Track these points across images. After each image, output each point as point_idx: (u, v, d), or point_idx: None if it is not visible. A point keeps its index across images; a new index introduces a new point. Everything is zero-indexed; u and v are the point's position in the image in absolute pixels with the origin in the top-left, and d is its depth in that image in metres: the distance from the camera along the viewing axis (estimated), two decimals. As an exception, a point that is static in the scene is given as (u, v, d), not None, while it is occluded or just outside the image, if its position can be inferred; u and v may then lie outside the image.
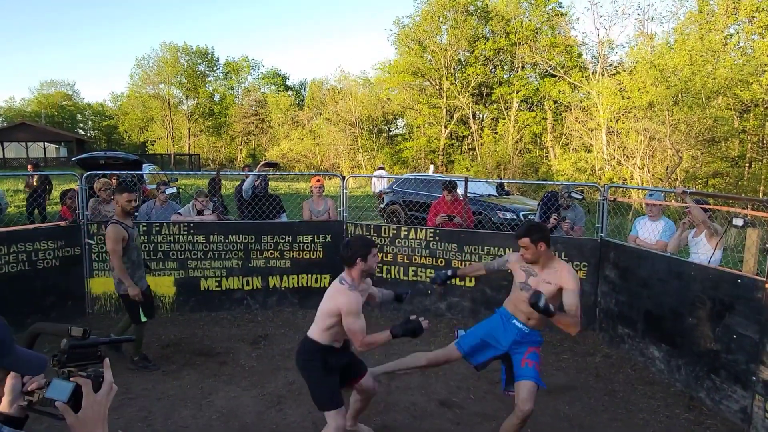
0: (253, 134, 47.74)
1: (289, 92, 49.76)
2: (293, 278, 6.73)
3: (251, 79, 51.28)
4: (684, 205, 5.28)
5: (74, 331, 1.24)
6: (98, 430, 1.18)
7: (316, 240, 6.75)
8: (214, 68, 49.62)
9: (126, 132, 52.80)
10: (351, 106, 34.75)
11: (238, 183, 7.32)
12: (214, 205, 6.93)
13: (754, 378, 3.87)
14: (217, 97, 49.75)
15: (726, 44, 22.37)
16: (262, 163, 7.08)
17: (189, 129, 47.31)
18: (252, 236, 6.56)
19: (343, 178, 6.95)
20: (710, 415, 4.25)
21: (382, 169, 22.85)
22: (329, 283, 6.61)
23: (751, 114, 21.96)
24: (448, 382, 4.79)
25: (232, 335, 5.90)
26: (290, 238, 6.66)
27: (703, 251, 4.95)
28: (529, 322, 3.53)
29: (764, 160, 21.90)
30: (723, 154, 21.94)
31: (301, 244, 6.71)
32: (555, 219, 6.21)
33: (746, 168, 22.16)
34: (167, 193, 7.08)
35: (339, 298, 3.19)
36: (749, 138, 22.23)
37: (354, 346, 3.29)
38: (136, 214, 5.39)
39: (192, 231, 6.47)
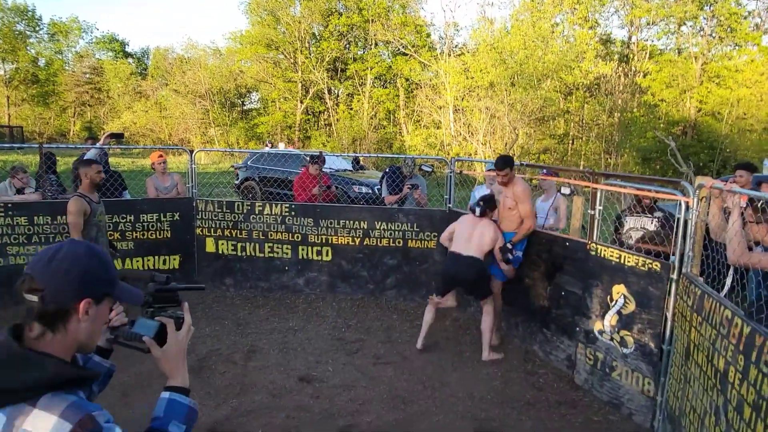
0: (89, 105, 42.73)
1: (130, 60, 45.13)
2: (137, 261, 6.20)
3: (83, 43, 45.61)
4: (521, 176, 5.78)
5: (157, 277, 1.44)
6: (180, 363, 1.39)
7: (162, 219, 6.29)
8: (37, 29, 43.29)
9: None
10: (200, 77, 32.62)
11: (75, 159, 6.52)
12: (38, 182, 6.11)
13: (577, 329, 4.39)
14: (42, 62, 43.57)
15: (553, 32, 24.76)
16: (105, 134, 6.36)
17: (8, 97, 41.00)
18: (86, 217, 5.90)
19: (191, 152, 6.52)
20: (542, 365, 4.76)
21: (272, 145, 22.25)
22: (179, 265, 6.33)
23: (573, 96, 24.69)
24: (308, 358, 4.78)
25: (66, 327, 5.30)
26: (132, 218, 6.12)
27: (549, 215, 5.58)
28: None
29: (584, 138, 24.82)
30: (551, 131, 24.46)
31: (146, 224, 6.20)
32: (408, 188, 6.45)
33: (570, 144, 24.96)
34: (-26, 169, 6.10)
35: (494, 229, 4.81)
36: (572, 118, 25.01)
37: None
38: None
39: (10, 212, 5.63)
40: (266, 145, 23.32)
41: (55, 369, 1.12)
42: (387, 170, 7.01)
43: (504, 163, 4.81)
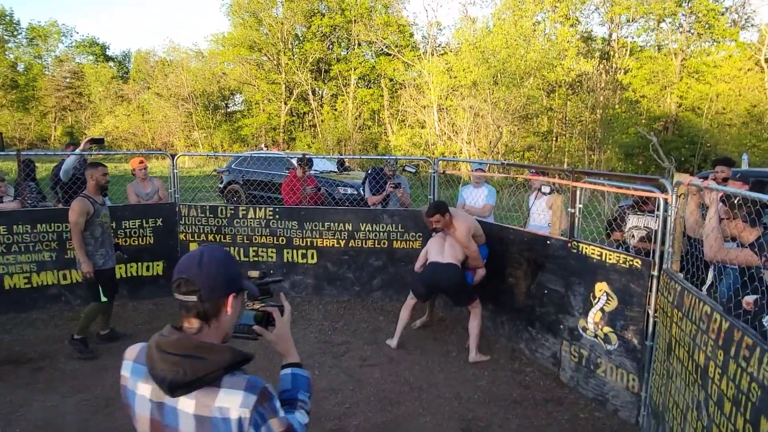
0: (70, 110, 42.14)
1: (111, 63, 44.60)
2: (120, 268, 6.12)
3: (63, 47, 45.02)
4: (504, 175, 5.81)
5: (252, 273, 1.67)
6: (290, 343, 1.68)
7: (145, 225, 6.23)
8: (15, 33, 42.60)
9: None
10: (183, 80, 32.36)
11: (55, 165, 6.43)
12: (17, 190, 6.02)
13: (561, 326, 4.42)
14: (21, 67, 42.90)
15: (535, 30, 24.91)
16: (86, 140, 6.24)
17: (-13, 103, 40.27)
18: (66, 224, 5.80)
19: (173, 156, 6.45)
20: (528, 363, 4.79)
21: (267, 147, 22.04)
22: (163, 271, 6.27)
23: (556, 94, 24.88)
24: (294, 361, 4.75)
25: (49, 336, 5.23)
26: (114, 224, 6.03)
27: (539, 213, 5.63)
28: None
29: (567, 135, 25.01)
30: (535, 129, 24.63)
31: (128, 230, 6.14)
32: (392, 187, 6.45)
33: (553, 141, 25.14)
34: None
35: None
36: (555, 115, 25.19)
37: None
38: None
39: (-12, 222, 5.55)
40: (263, 148, 23.16)
41: (232, 354, 1.34)
42: (369, 171, 7.01)
43: (435, 209, 4.86)
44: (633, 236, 4.65)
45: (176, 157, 6.45)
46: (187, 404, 1.33)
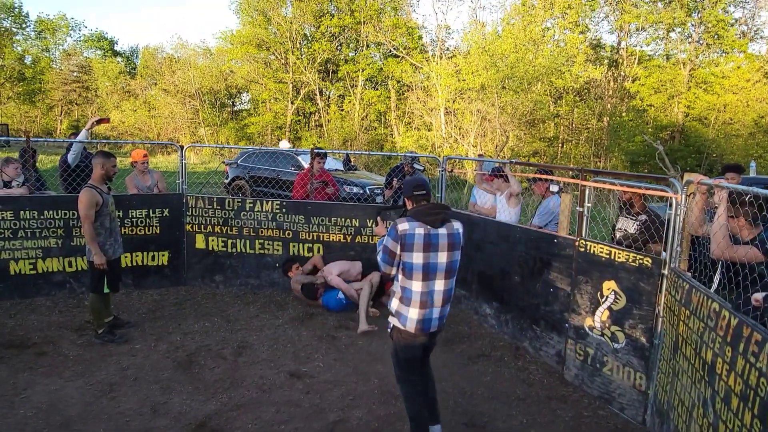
0: (76, 103, 42.32)
1: (118, 59, 44.86)
2: (126, 257, 6.14)
3: (71, 41, 45.25)
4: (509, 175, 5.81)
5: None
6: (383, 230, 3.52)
7: (152, 215, 6.24)
8: (24, 25, 42.85)
9: None
10: (190, 76, 32.42)
11: (60, 155, 6.43)
12: (25, 177, 6.03)
13: (566, 325, 4.42)
14: (28, 60, 43.12)
15: (544, 36, 24.91)
16: (92, 119, 6.20)
17: (-7, 95, 40.46)
18: (73, 212, 5.83)
19: (182, 147, 6.48)
20: (532, 361, 4.78)
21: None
22: (168, 261, 6.28)
23: (563, 100, 24.85)
24: (298, 354, 4.76)
25: (53, 322, 5.25)
26: (120, 213, 6.05)
27: (503, 210, 5.66)
28: None
29: (573, 141, 24.98)
30: (541, 134, 24.61)
31: (135, 220, 6.16)
32: (397, 181, 6.53)
33: (559, 147, 25.12)
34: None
35: None
36: (562, 121, 25.16)
37: None
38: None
39: (-4, 207, 5.57)
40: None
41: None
42: (393, 168, 7.23)
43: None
44: (614, 237, 4.70)
45: (185, 148, 6.47)
46: (442, 230, 3.00)
